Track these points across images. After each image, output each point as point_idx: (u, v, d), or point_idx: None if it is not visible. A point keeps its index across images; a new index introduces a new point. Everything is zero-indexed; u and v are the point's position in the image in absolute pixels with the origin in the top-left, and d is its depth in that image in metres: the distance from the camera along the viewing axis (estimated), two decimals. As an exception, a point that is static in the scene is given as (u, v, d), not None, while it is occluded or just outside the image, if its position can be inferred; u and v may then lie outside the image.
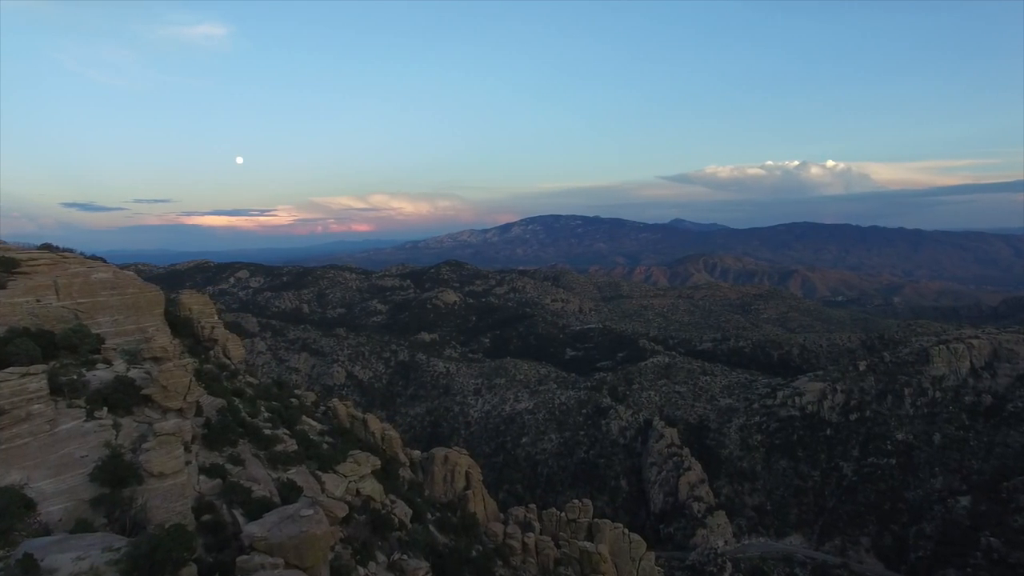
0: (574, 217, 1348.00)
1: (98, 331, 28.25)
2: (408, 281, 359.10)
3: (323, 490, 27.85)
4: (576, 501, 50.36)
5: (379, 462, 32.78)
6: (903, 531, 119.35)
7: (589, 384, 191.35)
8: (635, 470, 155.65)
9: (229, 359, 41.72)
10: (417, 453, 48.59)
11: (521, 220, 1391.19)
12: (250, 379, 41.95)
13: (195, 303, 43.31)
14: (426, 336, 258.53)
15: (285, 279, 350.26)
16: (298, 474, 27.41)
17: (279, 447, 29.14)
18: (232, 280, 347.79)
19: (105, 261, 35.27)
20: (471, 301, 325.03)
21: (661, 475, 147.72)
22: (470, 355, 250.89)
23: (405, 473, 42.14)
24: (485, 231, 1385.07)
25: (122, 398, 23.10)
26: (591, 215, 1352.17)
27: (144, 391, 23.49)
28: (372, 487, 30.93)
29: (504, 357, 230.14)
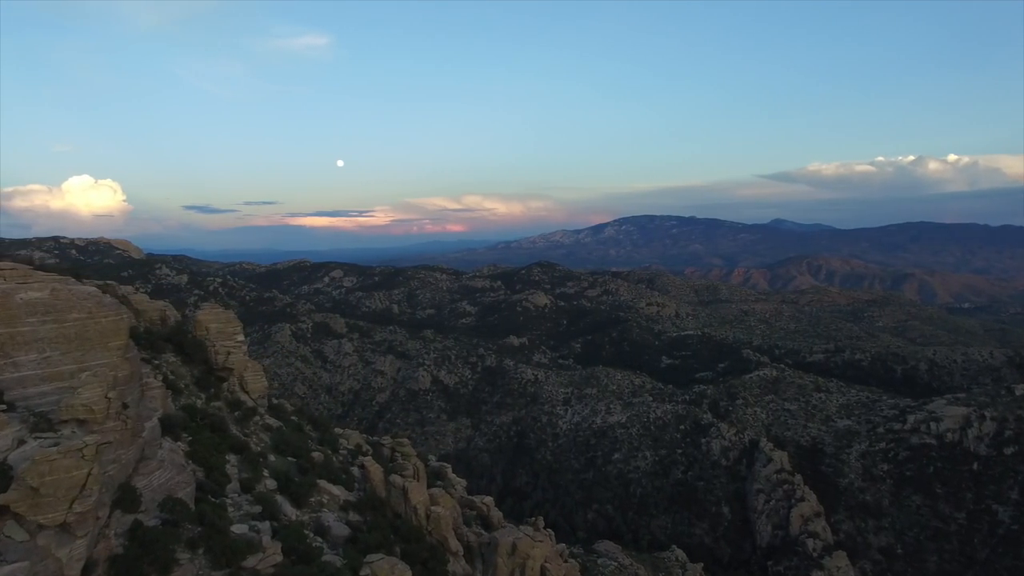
0: (668, 217, 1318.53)
1: (14, 375, 20.04)
2: (498, 282, 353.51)
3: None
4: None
5: (409, 572, 22.77)
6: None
7: (687, 397, 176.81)
8: (739, 496, 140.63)
9: (247, 392, 33.45)
10: (482, 517, 38.58)
11: (614, 220, 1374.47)
12: (269, 420, 33.44)
13: (213, 321, 35.08)
14: (515, 340, 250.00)
15: (377, 279, 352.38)
16: (264, 620, 18.04)
17: (249, 561, 19.83)
18: (327, 279, 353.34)
19: (79, 275, 27.24)
20: (562, 304, 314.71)
21: (769, 504, 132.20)
22: (560, 361, 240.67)
23: (456, 567, 31.94)
24: (578, 231, 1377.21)
25: (-39, 508, 14.45)
26: (686, 215, 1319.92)
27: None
28: (394, 618, 21.25)
29: (596, 364, 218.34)
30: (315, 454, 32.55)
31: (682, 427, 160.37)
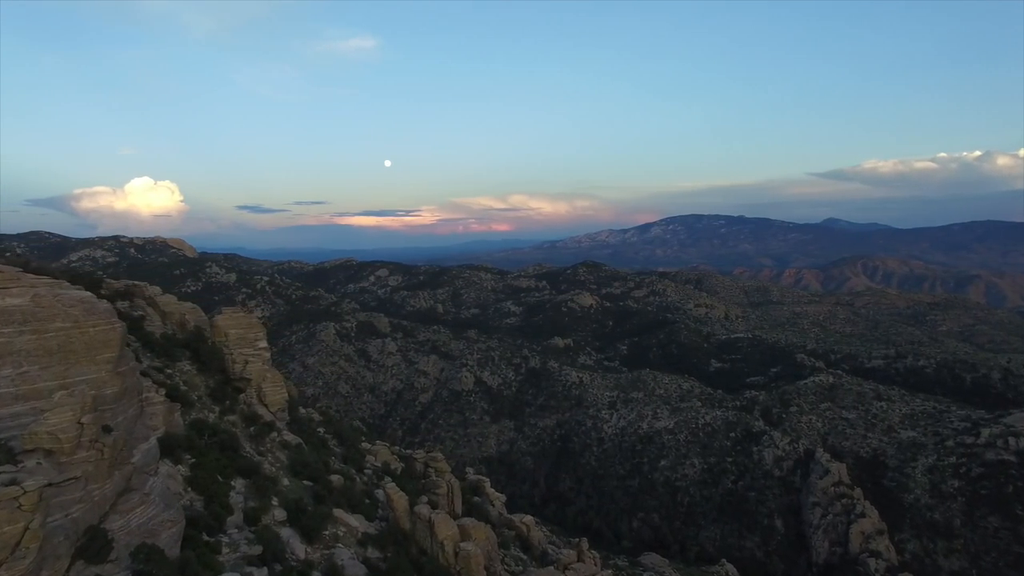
0: (717, 217, 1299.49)
1: (-22, 394, 17.51)
2: (543, 282, 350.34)
3: None
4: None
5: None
6: None
7: (738, 403, 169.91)
8: (793, 509, 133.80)
9: (265, 405, 30.66)
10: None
11: (661, 220, 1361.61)
12: (288, 436, 30.54)
13: (233, 326, 32.29)
14: (560, 341, 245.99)
15: (421, 278, 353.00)
16: None
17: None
18: (372, 278, 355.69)
19: (86, 277, 24.75)
20: (608, 304, 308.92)
21: (826, 519, 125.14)
22: (605, 363, 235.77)
23: (487, 615, 28.64)
24: (624, 231, 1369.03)
25: None
26: (735, 214, 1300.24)
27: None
28: None
29: (642, 367, 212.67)
30: (334, 477, 29.29)
31: (732, 434, 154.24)
